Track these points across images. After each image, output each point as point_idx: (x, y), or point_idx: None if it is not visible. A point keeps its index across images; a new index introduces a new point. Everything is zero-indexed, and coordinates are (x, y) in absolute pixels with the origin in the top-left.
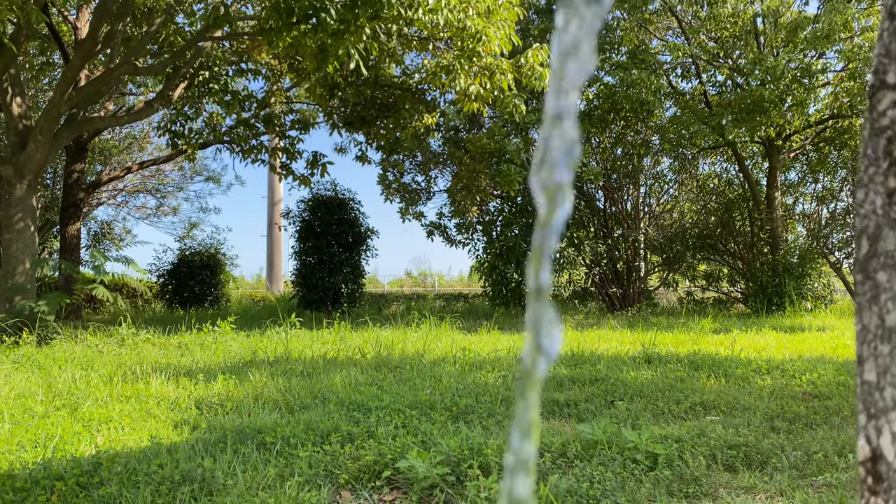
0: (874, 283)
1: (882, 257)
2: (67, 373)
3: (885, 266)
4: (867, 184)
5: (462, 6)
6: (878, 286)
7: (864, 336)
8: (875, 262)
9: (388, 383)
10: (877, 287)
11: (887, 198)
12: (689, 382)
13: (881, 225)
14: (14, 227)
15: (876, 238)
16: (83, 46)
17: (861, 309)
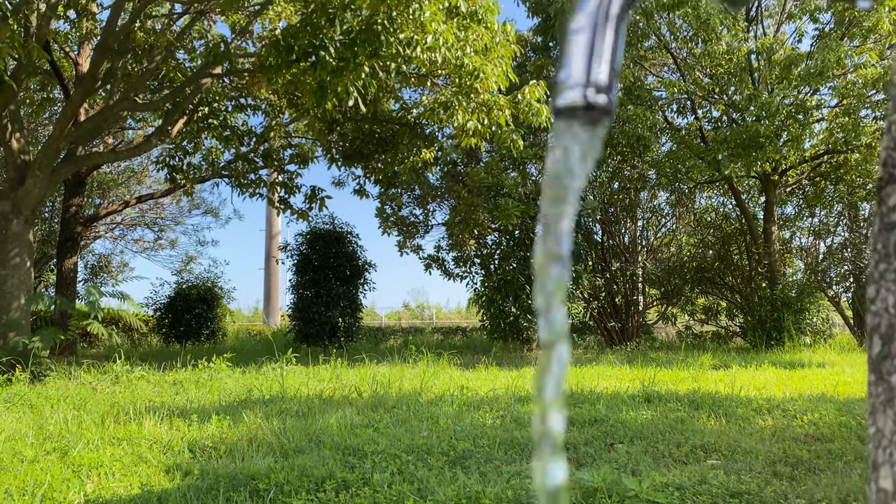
0: (888, 386)
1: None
2: (59, 413)
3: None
4: (878, 280)
5: (460, 44)
6: (893, 389)
7: (878, 440)
8: (889, 364)
9: (384, 425)
10: (891, 390)
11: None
12: (689, 423)
13: (894, 325)
14: (10, 263)
15: (889, 338)
16: (83, 83)
17: (875, 411)
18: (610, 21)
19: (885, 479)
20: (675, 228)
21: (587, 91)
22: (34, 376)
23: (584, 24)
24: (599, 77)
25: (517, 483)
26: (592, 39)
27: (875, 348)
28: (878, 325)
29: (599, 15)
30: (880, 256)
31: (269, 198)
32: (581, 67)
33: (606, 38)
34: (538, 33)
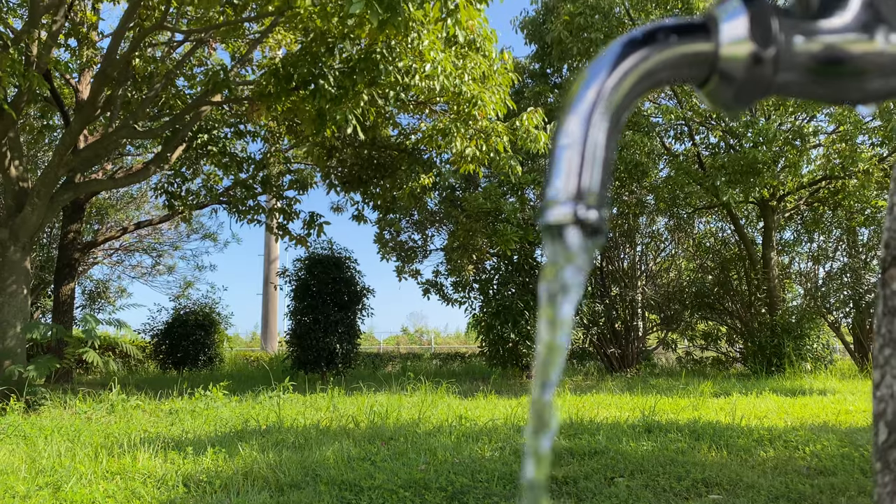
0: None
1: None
2: (53, 446)
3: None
4: (883, 365)
5: (458, 72)
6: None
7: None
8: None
9: (381, 458)
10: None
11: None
12: (690, 455)
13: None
14: (6, 291)
15: (895, 427)
16: (83, 110)
17: (881, 500)
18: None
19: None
20: (674, 254)
21: (577, 207)
22: (29, 406)
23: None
24: (590, 192)
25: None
26: (582, 153)
27: (881, 436)
28: (883, 412)
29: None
30: (885, 341)
31: (267, 224)
32: (570, 182)
33: (597, 151)
34: (535, 60)
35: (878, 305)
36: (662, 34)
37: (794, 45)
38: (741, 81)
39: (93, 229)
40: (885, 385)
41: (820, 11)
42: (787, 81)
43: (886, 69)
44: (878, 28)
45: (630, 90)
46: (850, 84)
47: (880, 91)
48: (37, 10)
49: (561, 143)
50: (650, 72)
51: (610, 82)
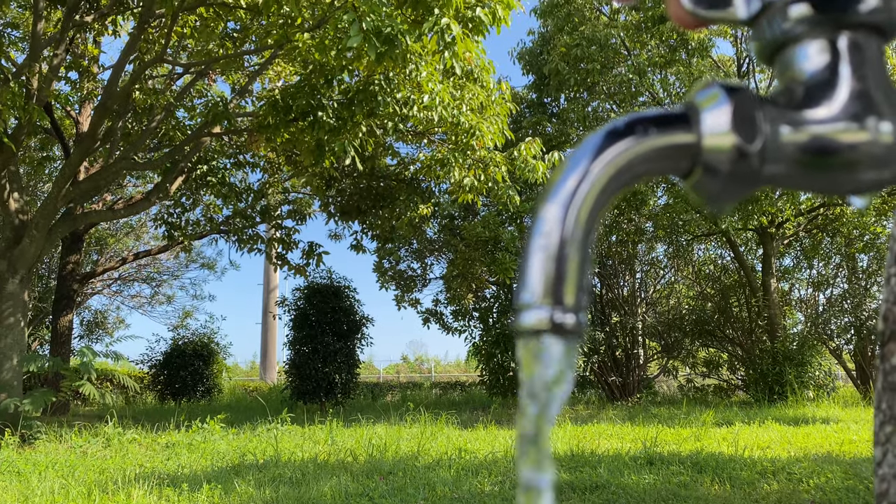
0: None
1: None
2: (46, 483)
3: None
4: (884, 443)
5: (456, 103)
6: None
7: None
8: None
9: (379, 494)
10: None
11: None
12: (692, 489)
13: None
14: (4, 323)
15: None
16: (83, 142)
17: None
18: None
19: None
20: (674, 281)
21: (554, 312)
22: (24, 440)
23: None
24: (567, 295)
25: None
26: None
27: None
28: (885, 492)
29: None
30: (885, 417)
31: (266, 253)
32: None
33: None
34: (533, 90)
35: (879, 380)
36: (641, 126)
37: (780, 136)
38: (726, 174)
39: (92, 260)
40: (886, 464)
41: (806, 101)
42: (775, 174)
43: (878, 160)
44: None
45: (610, 182)
46: (842, 176)
47: (873, 182)
48: (38, 43)
49: (536, 241)
50: (632, 163)
51: (592, 173)
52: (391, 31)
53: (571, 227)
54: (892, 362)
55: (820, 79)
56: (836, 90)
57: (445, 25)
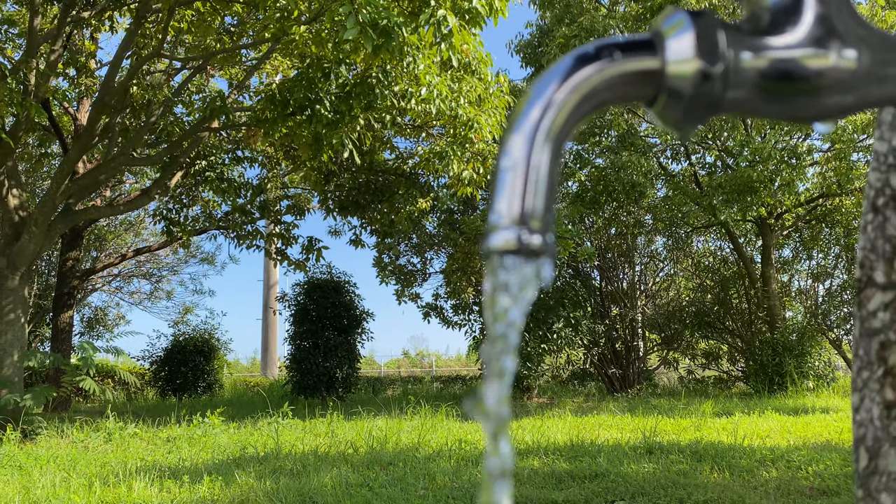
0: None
1: (884, 477)
2: (48, 476)
3: (888, 488)
4: (861, 388)
5: (454, 96)
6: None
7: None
8: (876, 481)
9: (379, 484)
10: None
11: (885, 410)
12: (691, 477)
13: (880, 440)
14: (4, 319)
15: (875, 453)
16: (81, 138)
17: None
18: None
19: None
20: (674, 273)
21: (521, 232)
22: (25, 435)
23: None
24: (534, 216)
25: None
26: (525, 176)
27: (861, 462)
28: (863, 437)
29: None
30: (862, 363)
31: (266, 249)
32: (514, 207)
33: (540, 174)
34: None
35: (855, 327)
36: (607, 51)
37: (742, 62)
38: (689, 99)
39: (91, 256)
40: (864, 409)
41: (771, 27)
42: (738, 98)
43: (841, 85)
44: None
45: (577, 107)
46: (804, 101)
47: (836, 108)
48: (35, 40)
49: (503, 166)
50: (597, 89)
51: (557, 98)
52: (387, 23)
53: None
54: (869, 308)
55: (784, 5)
56: (801, 17)
57: (442, 17)
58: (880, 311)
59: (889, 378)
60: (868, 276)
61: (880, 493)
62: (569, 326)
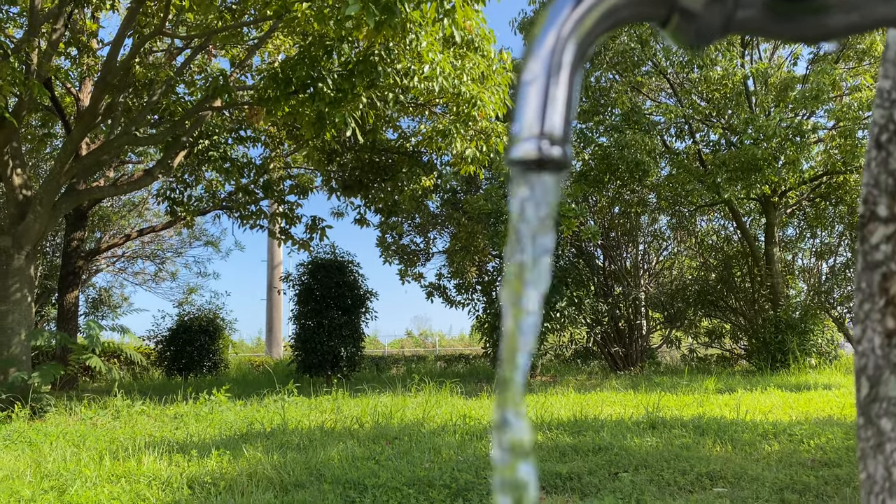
0: (877, 430)
1: (884, 403)
2: (58, 451)
3: (888, 413)
4: (864, 320)
5: (457, 73)
6: (883, 434)
7: (869, 486)
8: (877, 407)
9: (385, 457)
10: (881, 435)
11: (886, 339)
12: (694, 450)
13: (881, 367)
14: (10, 298)
15: (876, 381)
16: (84, 118)
17: (865, 456)
18: (564, 71)
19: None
20: (677, 252)
21: (541, 143)
22: (34, 412)
23: (536, 73)
24: (554, 129)
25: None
26: (546, 90)
27: (863, 391)
28: (864, 367)
29: (553, 64)
30: (864, 296)
31: (270, 229)
32: (534, 119)
33: (560, 88)
34: None
35: (858, 261)
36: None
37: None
38: (701, 18)
39: (95, 238)
40: (865, 339)
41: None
42: (747, 18)
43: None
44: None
45: (594, 26)
46: (810, 20)
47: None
48: (36, 19)
49: (525, 79)
50: (613, 7)
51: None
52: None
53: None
54: (872, 241)
55: None
56: None
57: None
58: (882, 244)
59: (890, 308)
60: (871, 210)
61: (881, 419)
62: (572, 305)
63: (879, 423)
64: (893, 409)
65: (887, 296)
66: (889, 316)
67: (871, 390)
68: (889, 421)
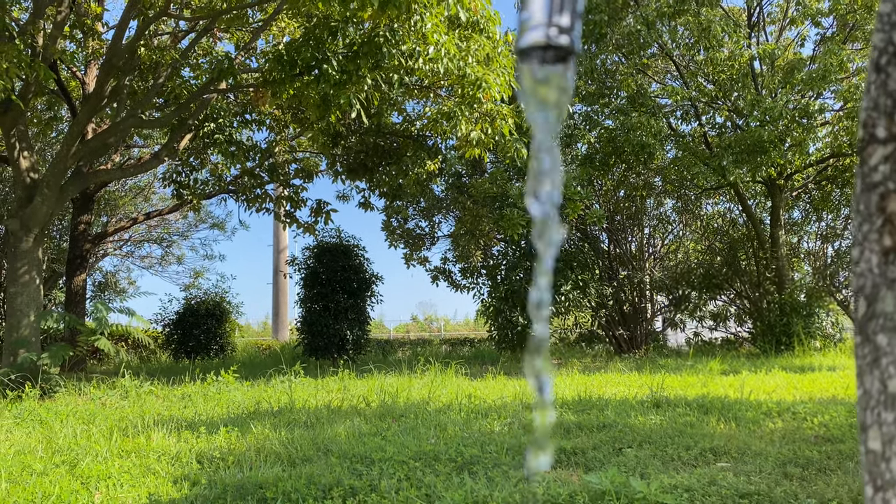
0: (874, 346)
1: (881, 319)
2: (68, 427)
3: (884, 328)
4: (862, 241)
5: (462, 55)
6: (879, 349)
7: (866, 401)
8: (874, 324)
9: (391, 433)
10: (877, 350)
11: (883, 256)
12: (698, 427)
13: (878, 285)
14: (19, 280)
15: (873, 299)
16: (90, 101)
17: (862, 373)
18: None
19: (874, 441)
20: (682, 235)
21: (549, 31)
22: (44, 392)
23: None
24: (561, 17)
25: (525, 487)
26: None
27: (861, 309)
28: (862, 287)
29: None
30: (863, 217)
31: (275, 212)
32: (543, 8)
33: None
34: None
35: (857, 184)
36: None
37: None
38: None
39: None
40: (863, 260)
41: None
42: None
43: None
44: None
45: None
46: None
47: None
48: (41, 1)
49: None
50: None
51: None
52: None
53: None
54: (871, 163)
55: None
56: None
57: None
58: (881, 165)
59: (888, 226)
60: (870, 133)
61: (877, 335)
62: (577, 289)
63: (876, 339)
64: (889, 324)
65: (885, 214)
66: (886, 234)
67: (869, 308)
68: (885, 336)
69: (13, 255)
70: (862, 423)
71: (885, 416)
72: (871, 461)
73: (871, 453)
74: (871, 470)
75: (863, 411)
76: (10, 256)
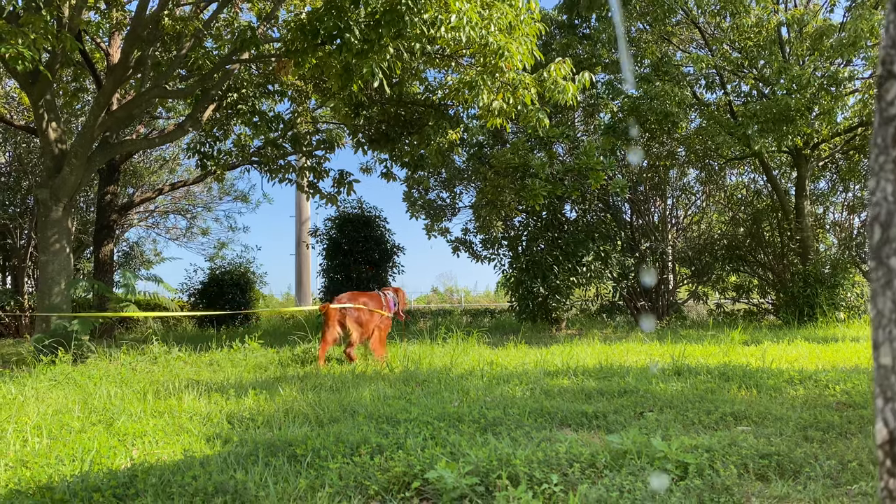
0: (887, 269)
1: (894, 244)
2: (102, 389)
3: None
4: (878, 172)
5: (484, 23)
6: (892, 271)
7: (878, 320)
8: (888, 249)
9: (416, 397)
10: (890, 272)
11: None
12: (719, 394)
13: (892, 212)
14: (50, 249)
15: (888, 224)
16: (115, 72)
17: (875, 294)
18: None
19: (885, 356)
20: (705, 206)
21: None
22: (76, 358)
23: None
24: None
25: (548, 447)
26: None
27: (875, 236)
28: (878, 215)
29: None
30: (880, 149)
31: (298, 182)
32: None
33: None
34: (563, 11)
35: (876, 119)
36: None
37: None
38: None
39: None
40: (879, 190)
41: None
42: None
43: None
44: None
45: None
46: None
47: None
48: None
49: None
50: None
51: None
52: None
53: None
54: (888, 98)
55: None
56: None
57: None
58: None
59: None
60: (888, 70)
61: (890, 259)
62: (598, 260)
63: (889, 262)
64: None
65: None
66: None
67: (883, 234)
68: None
69: (43, 224)
70: (875, 341)
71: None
72: (881, 375)
73: (883, 368)
74: (882, 383)
75: (875, 330)
76: (41, 225)
